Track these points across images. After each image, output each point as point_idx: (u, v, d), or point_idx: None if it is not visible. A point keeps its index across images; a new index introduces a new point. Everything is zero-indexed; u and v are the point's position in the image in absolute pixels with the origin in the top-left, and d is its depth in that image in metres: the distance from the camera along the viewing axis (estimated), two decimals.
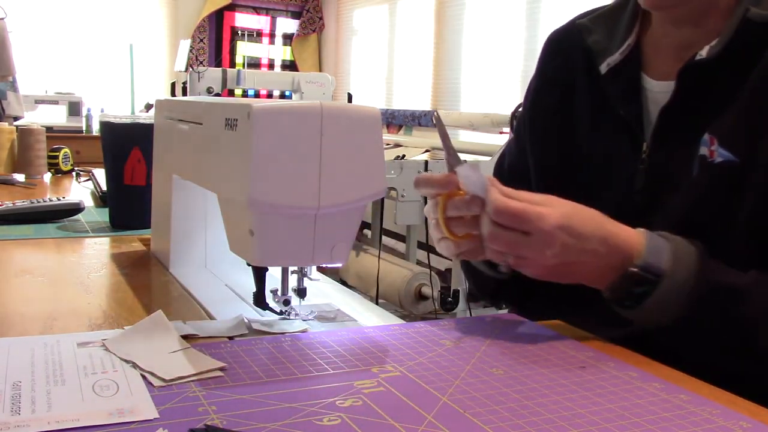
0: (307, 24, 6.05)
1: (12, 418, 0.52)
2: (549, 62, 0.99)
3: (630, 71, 0.87)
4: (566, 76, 0.94)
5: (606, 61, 0.87)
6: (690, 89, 0.80)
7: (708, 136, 0.78)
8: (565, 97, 0.94)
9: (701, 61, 0.78)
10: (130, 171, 1.26)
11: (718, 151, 0.77)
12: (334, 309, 0.88)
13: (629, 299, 0.74)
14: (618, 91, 0.87)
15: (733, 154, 0.76)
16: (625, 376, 0.66)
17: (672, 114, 0.81)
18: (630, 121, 0.85)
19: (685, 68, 0.79)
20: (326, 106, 0.70)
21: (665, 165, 0.82)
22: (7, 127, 2.12)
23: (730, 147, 0.76)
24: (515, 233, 0.71)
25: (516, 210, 0.71)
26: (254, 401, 0.57)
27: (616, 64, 0.87)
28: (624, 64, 0.87)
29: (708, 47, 0.78)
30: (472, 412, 0.57)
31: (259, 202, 0.69)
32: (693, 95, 0.80)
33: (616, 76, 0.87)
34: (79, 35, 5.24)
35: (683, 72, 0.80)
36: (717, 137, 0.77)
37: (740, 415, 0.58)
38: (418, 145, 3.90)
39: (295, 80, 3.50)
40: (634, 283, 0.73)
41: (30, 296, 0.88)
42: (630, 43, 0.87)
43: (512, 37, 4.05)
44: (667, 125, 0.82)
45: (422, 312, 2.83)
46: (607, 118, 0.88)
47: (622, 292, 0.74)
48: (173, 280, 0.98)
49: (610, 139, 0.88)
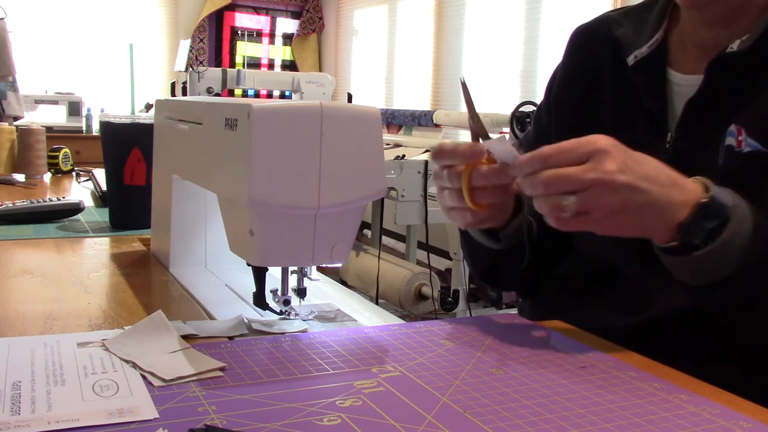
0: (307, 24, 6.05)
1: (12, 418, 0.52)
2: (576, 53, 0.99)
3: (656, 64, 0.88)
4: (592, 67, 0.95)
5: (633, 54, 0.88)
6: (718, 81, 0.80)
7: (735, 127, 0.78)
8: (591, 88, 0.94)
9: (731, 53, 0.78)
10: (130, 171, 1.26)
11: (746, 141, 0.77)
12: (334, 309, 0.88)
13: (700, 236, 0.69)
14: (644, 82, 0.88)
15: (762, 143, 0.76)
16: (625, 376, 0.66)
17: (698, 105, 0.82)
18: (655, 112, 0.86)
19: (715, 60, 0.80)
20: (326, 106, 0.70)
21: (689, 154, 0.82)
22: (7, 127, 2.12)
23: (758, 137, 0.77)
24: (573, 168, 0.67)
25: (566, 144, 0.67)
26: (254, 401, 0.57)
27: (643, 57, 0.88)
28: (651, 57, 0.88)
29: (739, 41, 0.78)
30: (472, 412, 0.57)
31: (259, 202, 0.69)
32: (721, 87, 0.80)
33: (643, 68, 0.88)
34: (79, 35, 5.24)
35: (713, 64, 0.80)
36: (745, 128, 0.77)
37: (740, 415, 0.58)
38: (418, 145, 3.90)
39: (295, 80, 3.50)
40: (706, 216, 0.68)
41: (30, 296, 0.88)
42: (658, 38, 0.88)
43: (512, 37, 4.05)
44: (692, 116, 0.83)
45: (422, 312, 2.83)
46: (631, 109, 0.89)
47: (695, 229, 0.69)
48: (173, 280, 0.98)
49: (634, 129, 0.88)
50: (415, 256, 3.24)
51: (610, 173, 0.66)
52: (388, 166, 2.80)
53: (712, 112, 0.81)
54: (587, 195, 0.66)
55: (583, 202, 0.66)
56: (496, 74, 4.17)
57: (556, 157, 0.67)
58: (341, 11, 5.88)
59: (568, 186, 0.67)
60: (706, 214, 0.68)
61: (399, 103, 5.11)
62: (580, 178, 0.66)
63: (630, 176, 0.66)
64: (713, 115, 0.81)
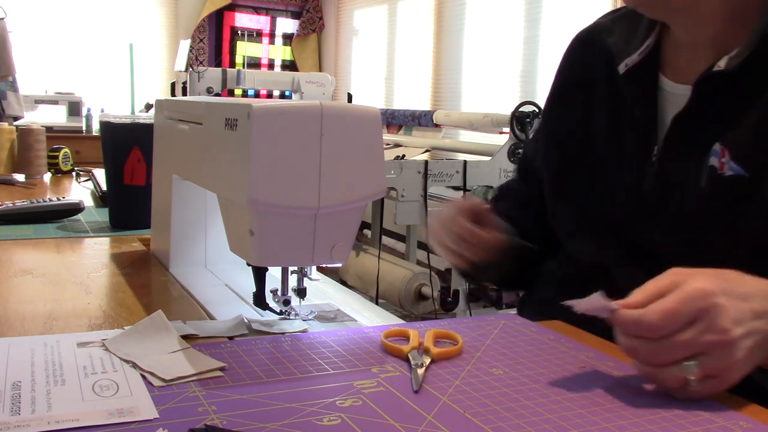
0: (307, 24, 6.05)
1: (12, 418, 0.52)
2: (571, 63, 0.98)
3: (648, 72, 0.86)
4: (587, 78, 0.94)
5: (624, 62, 0.86)
6: (706, 99, 0.79)
7: (719, 147, 0.77)
8: (586, 98, 0.93)
9: (719, 72, 0.77)
10: (130, 171, 1.26)
11: (729, 165, 0.76)
12: (334, 309, 0.88)
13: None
14: (634, 91, 0.86)
15: (744, 168, 0.75)
16: (624, 376, 0.66)
17: (685, 121, 0.81)
18: (644, 124, 0.85)
19: (703, 78, 0.78)
20: (326, 106, 0.70)
21: (674, 170, 0.81)
22: (7, 127, 2.12)
23: (741, 161, 0.75)
24: (686, 334, 0.60)
25: (671, 306, 0.59)
26: (254, 401, 0.57)
27: (634, 65, 0.86)
28: (642, 65, 0.86)
29: (727, 58, 0.76)
30: (472, 412, 0.57)
31: (259, 202, 0.69)
32: (708, 105, 0.79)
33: (634, 76, 0.86)
34: (79, 35, 5.24)
35: (700, 82, 0.79)
36: (729, 150, 0.76)
37: (740, 415, 0.58)
38: (418, 145, 3.90)
39: (295, 80, 3.50)
40: None
41: (30, 296, 0.88)
42: (649, 44, 0.86)
43: (512, 38, 4.05)
44: (679, 132, 0.81)
45: (422, 312, 2.83)
46: (623, 119, 0.88)
47: None
48: (173, 280, 0.98)
49: (624, 140, 0.87)
50: (415, 256, 3.24)
51: (728, 331, 0.59)
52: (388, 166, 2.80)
53: (699, 129, 0.79)
54: (711, 359, 0.60)
55: (708, 366, 0.60)
56: (496, 74, 4.17)
57: (667, 327, 0.59)
58: (341, 11, 5.88)
59: (684, 353, 0.60)
60: None
61: (399, 103, 5.11)
62: (697, 344, 0.59)
63: (743, 324, 0.60)
64: (700, 132, 0.79)
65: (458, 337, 0.73)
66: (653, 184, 0.83)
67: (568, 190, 0.94)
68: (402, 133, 4.32)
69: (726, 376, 0.61)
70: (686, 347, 0.59)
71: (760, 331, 0.61)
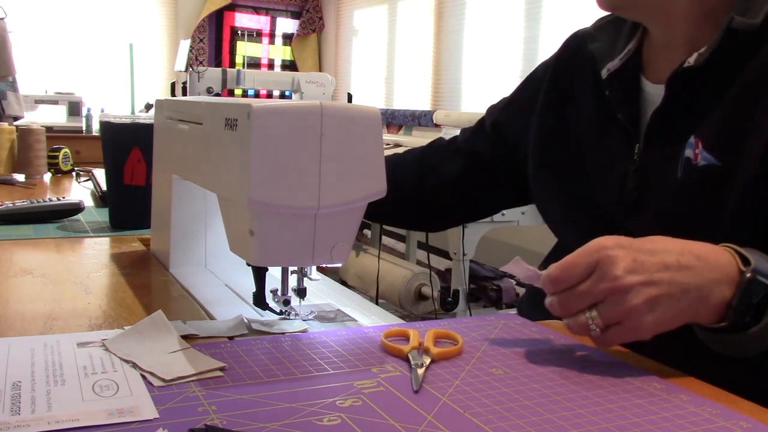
0: (306, 24, 6.05)
1: (12, 418, 0.52)
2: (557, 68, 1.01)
3: (629, 75, 0.89)
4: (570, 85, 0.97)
5: (606, 66, 0.89)
6: (679, 94, 0.82)
7: (694, 139, 0.79)
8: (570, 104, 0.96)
9: (689, 68, 0.80)
10: (130, 171, 1.26)
11: (702, 155, 0.78)
12: (334, 309, 0.88)
13: (749, 313, 0.65)
14: (617, 95, 0.89)
15: (716, 158, 0.77)
16: (625, 376, 0.66)
17: (662, 117, 0.83)
18: (626, 125, 0.87)
19: (675, 74, 0.81)
20: (326, 106, 0.70)
21: (654, 166, 0.84)
22: (7, 127, 2.12)
23: (713, 151, 0.78)
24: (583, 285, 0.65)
25: (570, 260, 0.66)
26: (254, 401, 0.57)
27: (616, 69, 0.89)
28: (624, 69, 0.89)
29: (696, 54, 0.79)
30: (472, 412, 0.57)
31: (259, 202, 0.69)
32: (682, 100, 0.82)
33: (616, 80, 0.89)
34: (79, 35, 5.24)
35: (673, 78, 0.82)
36: (702, 141, 0.79)
37: (740, 415, 0.58)
38: (418, 145, 3.89)
39: (295, 80, 3.50)
40: (753, 291, 0.65)
41: (30, 296, 0.88)
42: (631, 48, 0.90)
43: (512, 38, 4.05)
44: (658, 128, 0.84)
45: (422, 312, 2.83)
46: (607, 121, 0.90)
47: (743, 308, 0.65)
48: (173, 280, 0.98)
49: (608, 142, 0.90)
50: (415, 256, 3.24)
51: (619, 278, 0.63)
52: None
53: (676, 124, 0.82)
54: (606, 306, 0.64)
55: (605, 314, 0.65)
56: (496, 74, 4.16)
57: (565, 279, 0.66)
58: (341, 11, 5.88)
59: (584, 303, 0.65)
60: (753, 290, 0.65)
61: (399, 103, 5.11)
62: (591, 293, 0.65)
63: (643, 273, 0.64)
64: (676, 127, 0.82)
65: (458, 337, 0.73)
66: (635, 181, 0.85)
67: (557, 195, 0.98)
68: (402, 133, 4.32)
69: (628, 322, 0.64)
70: (584, 297, 0.65)
71: (670, 282, 0.64)
